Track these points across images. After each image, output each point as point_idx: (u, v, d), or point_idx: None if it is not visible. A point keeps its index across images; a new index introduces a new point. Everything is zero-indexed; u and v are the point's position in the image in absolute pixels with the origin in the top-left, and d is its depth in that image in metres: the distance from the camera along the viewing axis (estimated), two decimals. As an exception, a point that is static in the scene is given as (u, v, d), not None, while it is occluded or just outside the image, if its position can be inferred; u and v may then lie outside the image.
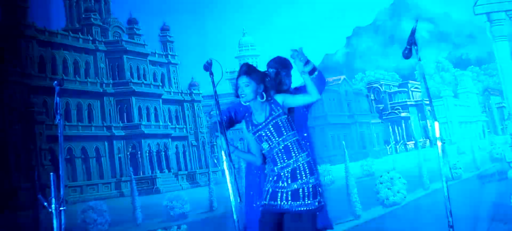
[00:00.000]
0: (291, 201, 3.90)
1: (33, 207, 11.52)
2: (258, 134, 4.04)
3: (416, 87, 20.24)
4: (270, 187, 3.98)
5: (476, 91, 19.60)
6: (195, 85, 17.61)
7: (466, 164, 14.51)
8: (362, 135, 19.78)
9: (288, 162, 3.97)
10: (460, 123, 19.67)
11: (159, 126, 16.21)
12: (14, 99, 13.51)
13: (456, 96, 19.85)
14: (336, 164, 15.20)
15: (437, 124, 4.17)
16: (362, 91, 20.53)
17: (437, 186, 11.63)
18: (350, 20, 16.79)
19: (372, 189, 10.93)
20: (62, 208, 4.34)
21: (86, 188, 14.59)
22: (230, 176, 4.04)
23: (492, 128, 19.06)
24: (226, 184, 4.05)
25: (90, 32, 15.70)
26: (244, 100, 4.03)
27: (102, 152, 15.11)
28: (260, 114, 4.07)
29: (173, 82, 17.37)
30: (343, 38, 18.88)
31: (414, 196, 11.29)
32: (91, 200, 13.04)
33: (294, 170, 3.94)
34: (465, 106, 19.73)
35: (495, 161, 15.75)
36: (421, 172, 13.31)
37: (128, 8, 16.07)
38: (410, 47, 4.21)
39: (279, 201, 3.92)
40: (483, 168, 15.30)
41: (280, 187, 3.94)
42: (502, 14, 14.36)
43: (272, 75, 4.49)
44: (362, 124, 19.95)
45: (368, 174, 16.38)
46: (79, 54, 15.13)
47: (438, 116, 4.54)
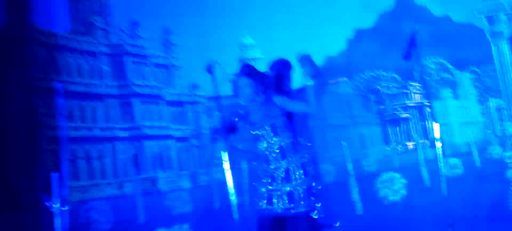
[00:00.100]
0: (288, 204, 3.95)
1: (36, 207, 11.58)
2: (255, 133, 4.10)
3: (416, 89, 20.30)
4: (266, 190, 4.03)
5: (475, 93, 19.68)
6: (197, 87, 17.67)
7: (465, 164, 14.54)
8: (362, 135, 19.84)
9: (282, 163, 4.02)
10: (459, 123, 19.74)
11: (161, 127, 16.28)
12: (17, 101, 13.55)
13: (455, 97, 19.92)
14: (336, 164, 15.28)
15: (436, 125, 4.25)
16: (362, 93, 20.59)
17: (436, 186, 11.69)
18: (350, 22, 16.88)
19: (372, 189, 10.97)
20: (64, 208, 4.43)
21: (89, 188, 14.67)
22: (231, 176, 4.10)
23: (491, 128, 19.13)
24: (227, 184, 4.11)
25: (94, 34, 15.73)
26: (244, 100, 4.10)
27: (105, 152, 15.16)
28: (258, 113, 4.14)
29: (175, 84, 17.44)
30: (344, 40, 18.94)
31: (413, 196, 11.32)
32: (94, 200, 13.12)
33: (287, 171, 3.99)
34: (464, 107, 19.80)
35: (494, 161, 15.81)
36: (420, 172, 13.37)
37: (130, 11, 16.16)
38: (410, 49, 4.27)
39: (276, 205, 3.97)
40: (482, 168, 15.34)
41: (274, 189, 3.99)
42: (502, 16, 14.45)
43: (271, 77, 4.58)
44: (362, 124, 20.01)
45: (368, 174, 16.43)
46: (83, 57, 15.14)
47: (437, 117, 4.62)
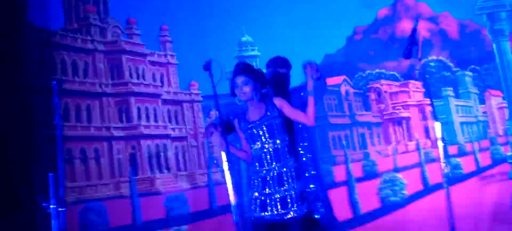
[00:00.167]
0: (281, 210, 3.85)
1: (32, 208, 11.47)
2: (250, 132, 4.01)
3: (417, 87, 20.20)
4: (258, 195, 3.93)
5: (477, 91, 19.58)
6: (195, 85, 17.56)
7: (467, 164, 14.47)
8: (362, 135, 19.74)
9: (275, 165, 3.92)
10: (461, 123, 19.63)
11: (159, 126, 16.17)
12: (12, 100, 13.43)
13: (457, 96, 19.82)
14: (337, 165, 15.18)
15: (438, 124, 4.14)
16: (362, 92, 20.49)
17: (438, 187, 11.59)
18: (350, 20, 16.75)
19: (373, 190, 10.91)
20: (61, 209, 4.31)
21: (86, 189, 14.54)
22: (230, 177, 4.01)
23: (493, 128, 19.03)
24: (226, 185, 4.02)
25: (89, 32, 15.66)
26: (242, 98, 4.00)
27: (101, 152, 15.06)
28: (255, 113, 4.04)
29: (172, 82, 17.33)
30: (343, 38, 18.84)
31: (415, 196, 11.25)
32: (91, 200, 13.00)
33: (280, 175, 3.90)
34: (466, 106, 19.70)
35: (496, 161, 15.73)
36: (422, 172, 13.29)
37: (127, 8, 16.01)
38: (410, 47, 4.17)
39: (269, 211, 3.87)
40: (484, 169, 15.27)
41: (267, 194, 3.89)
42: (503, 14, 14.34)
43: (269, 75, 4.48)
44: (362, 124, 19.91)
45: (368, 175, 16.34)
46: (78, 54, 15.10)
47: (439, 116, 4.50)
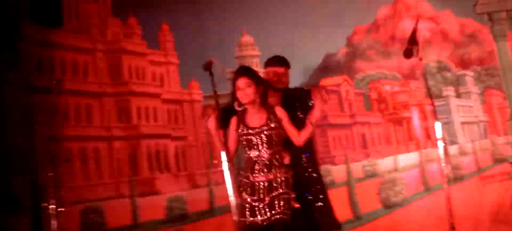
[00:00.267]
0: (269, 213, 3.86)
1: (32, 208, 11.46)
2: (248, 138, 3.99)
3: (417, 87, 20.16)
4: (249, 201, 3.93)
5: (478, 92, 19.54)
6: (195, 85, 17.53)
7: (467, 165, 14.46)
8: (363, 135, 19.71)
9: (267, 174, 3.92)
10: (461, 123, 19.59)
11: (158, 126, 16.17)
12: (12, 99, 13.43)
13: (457, 96, 19.78)
14: (337, 165, 15.16)
15: (438, 124, 4.13)
16: (363, 91, 20.45)
17: (438, 187, 11.58)
18: (350, 19, 16.71)
19: (373, 190, 10.90)
20: (60, 209, 4.31)
21: (85, 189, 14.53)
22: (230, 177, 4.01)
23: (493, 128, 18.99)
24: (226, 185, 4.02)
25: (89, 31, 15.66)
26: (243, 101, 3.98)
27: (101, 152, 15.05)
28: (255, 118, 4.03)
29: (172, 82, 17.30)
30: (344, 37, 18.80)
31: (415, 196, 11.23)
32: (90, 201, 12.98)
33: (270, 183, 3.91)
34: (466, 106, 19.66)
35: (497, 162, 15.71)
36: (423, 173, 13.27)
37: (127, 7, 15.99)
38: (411, 47, 4.16)
39: (259, 216, 3.88)
40: (485, 169, 15.25)
41: (256, 200, 3.90)
42: (503, 14, 14.31)
43: (267, 74, 4.48)
44: (363, 124, 19.87)
45: (369, 175, 16.30)
46: (78, 54, 15.10)
47: (439, 116, 4.49)
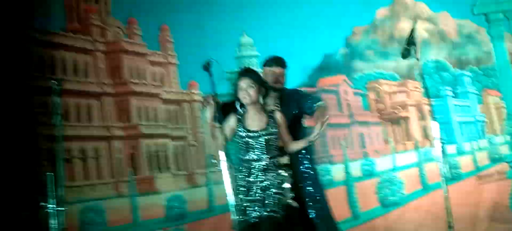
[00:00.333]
0: (262, 210, 3.90)
1: (31, 207, 11.48)
2: (246, 140, 4.00)
3: (415, 87, 20.20)
4: (244, 200, 3.97)
5: (475, 92, 19.59)
6: (195, 85, 17.55)
7: (465, 164, 14.48)
8: (361, 135, 19.74)
9: (261, 178, 3.96)
10: (459, 122, 19.65)
11: (158, 126, 16.18)
12: (12, 100, 13.43)
13: (455, 96, 19.83)
14: (335, 164, 15.18)
15: (436, 124, 4.17)
16: (361, 91, 20.48)
17: (436, 186, 11.63)
18: (349, 19, 16.75)
19: (371, 189, 10.93)
20: (60, 208, 4.35)
21: (85, 188, 14.55)
22: (229, 176, 4.03)
23: (491, 128, 19.04)
24: (224, 184, 4.05)
25: (90, 32, 15.67)
26: (245, 101, 3.99)
27: (101, 152, 15.06)
28: (255, 121, 4.03)
29: (172, 82, 17.33)
30: (342, 38, 18.84)
31: (413, 196, 11.26)
32: (90, 200, 13.00)
33: (266, 185, 3.94)
34: (464, 106, 19.71)
35: (494, 161, 15.75)
36: (420, 172, 13.31)
37: (127, 8, 16.00)
38: (409, 47, 4.20)
39: (252, 214, 3.92)
40: (482, 168, 15.28)
41: (251, 200, 3.94)
42: (500, 15, 14.35)
43: (265, 74, 4.52)
44: (361, 123, 19.91)
45: (367, 174, 16.34)
46: (78, 54, 15.09)
47: (437, 116, 4.54)
